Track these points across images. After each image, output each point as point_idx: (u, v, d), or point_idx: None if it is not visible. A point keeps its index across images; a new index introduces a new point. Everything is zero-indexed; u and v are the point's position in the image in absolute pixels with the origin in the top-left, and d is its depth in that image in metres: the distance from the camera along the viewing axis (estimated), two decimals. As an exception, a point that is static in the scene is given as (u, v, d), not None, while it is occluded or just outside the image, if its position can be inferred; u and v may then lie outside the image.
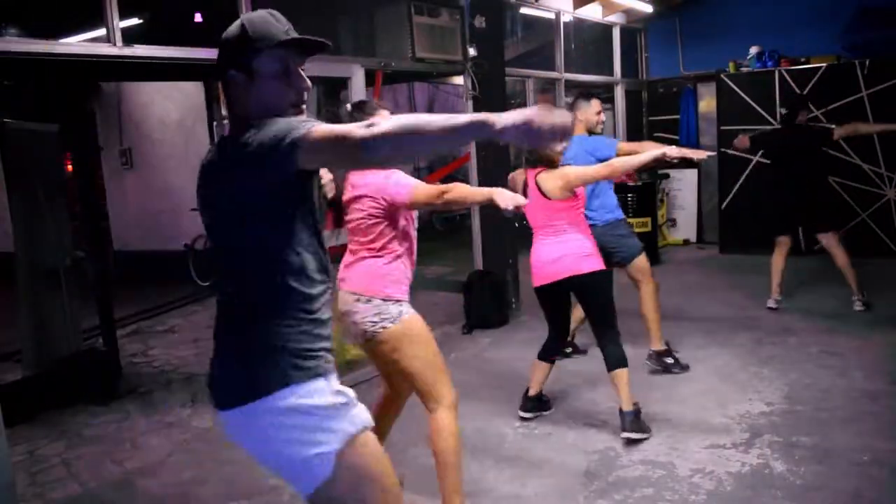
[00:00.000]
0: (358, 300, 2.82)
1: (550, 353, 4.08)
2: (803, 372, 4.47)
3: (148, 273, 8.54)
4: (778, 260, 5.87)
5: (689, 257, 8.47)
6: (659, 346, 4.66)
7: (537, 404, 4.09)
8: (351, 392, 1.94)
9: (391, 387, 3.19)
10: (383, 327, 2.79)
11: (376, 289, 2.81)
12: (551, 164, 3.72)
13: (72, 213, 5.28)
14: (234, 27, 1.85)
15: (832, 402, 3.99)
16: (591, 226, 4.15)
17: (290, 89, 1.78)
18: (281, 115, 1.69)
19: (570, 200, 3.74)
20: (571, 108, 4.92)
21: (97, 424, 4.44)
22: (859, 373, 4.39)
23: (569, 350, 5.17)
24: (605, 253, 4.34)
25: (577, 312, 4.90)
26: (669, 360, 4.63)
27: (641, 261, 4.86)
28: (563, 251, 3.74)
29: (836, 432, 3.62)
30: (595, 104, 4.76)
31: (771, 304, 5.84)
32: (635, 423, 3.66)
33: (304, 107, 1.80)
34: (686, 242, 9.18)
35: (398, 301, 2.82)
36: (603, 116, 4.82)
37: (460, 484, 2.90)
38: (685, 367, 4.61)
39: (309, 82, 1.81)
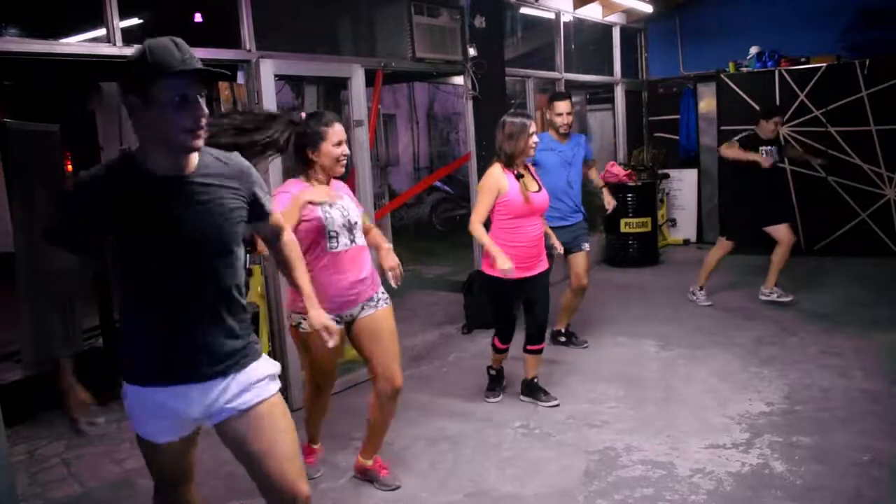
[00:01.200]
0: None
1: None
2: (803, 372, 4.47)
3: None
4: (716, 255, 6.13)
5: (689, 257, 8.47)
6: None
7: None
8: None
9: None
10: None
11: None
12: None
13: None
14: (136, 51, 1.84)
15: (832, 402, 4.00)
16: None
17: (185, 117, 1.82)
18: (174, 141, 1.84)
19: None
20: (547, 107, 5.14)
21: (97, 424, 4.43)
22: (859, 373, 4.39)
23: (562, 339, 5.23)
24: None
25: (565, 301, 5.25)
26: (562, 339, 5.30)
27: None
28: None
29: (836, 432, 3.62)
30: (557, 106, 4.91)
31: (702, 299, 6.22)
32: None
33: (200, 132, 1.86)
34: (686, 242, 9.18)
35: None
36: (567, 118, 4.90)
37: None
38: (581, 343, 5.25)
39: (206, 110, 1.85)
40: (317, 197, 3.01)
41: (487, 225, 3.95)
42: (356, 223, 3.13)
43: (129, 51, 3.60)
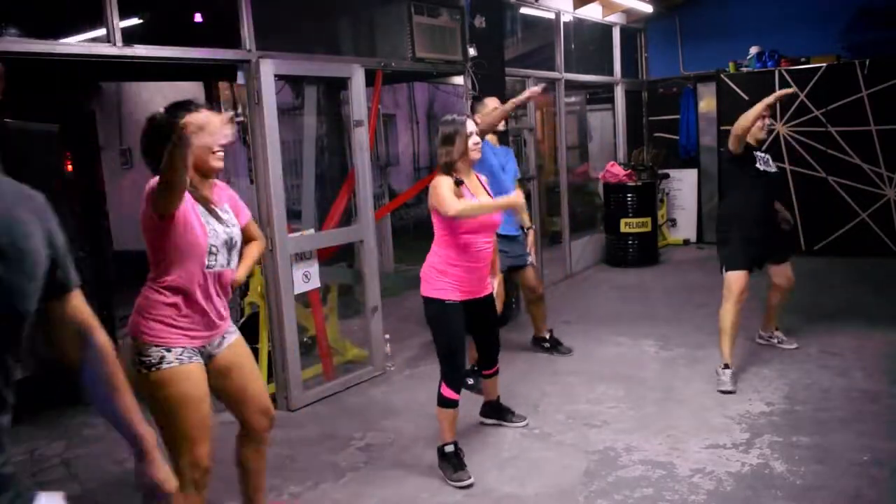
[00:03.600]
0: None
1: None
2: (803, 372, 4.48)
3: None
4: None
5: (689, 257, 8.47)
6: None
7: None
8: None
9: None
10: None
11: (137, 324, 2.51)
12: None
13: (72, 213, 5.27)
14: None
15: (832, 402, 4.00)
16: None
17: None
18: None
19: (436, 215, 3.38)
20: (472, 109, 4.81)
21: (97, 424, 4.43)
22: (859, 373, 4.39)
23: (546, 345, 5.21)
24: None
25: (535, 310, 5.13)
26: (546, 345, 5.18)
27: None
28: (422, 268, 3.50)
29: (836, 432, 3.62)
30: (489, 102, 4.67)
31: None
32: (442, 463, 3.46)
33: None
34: (686, 242, 9.19)
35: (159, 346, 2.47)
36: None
37: None
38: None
39: None
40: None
41: (429, 243, 3.45)
42: (237, 242, 2.65)
43: (130, 51, 3.62)
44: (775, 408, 3.97)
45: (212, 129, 2.32)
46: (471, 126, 3.38)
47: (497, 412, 4.00)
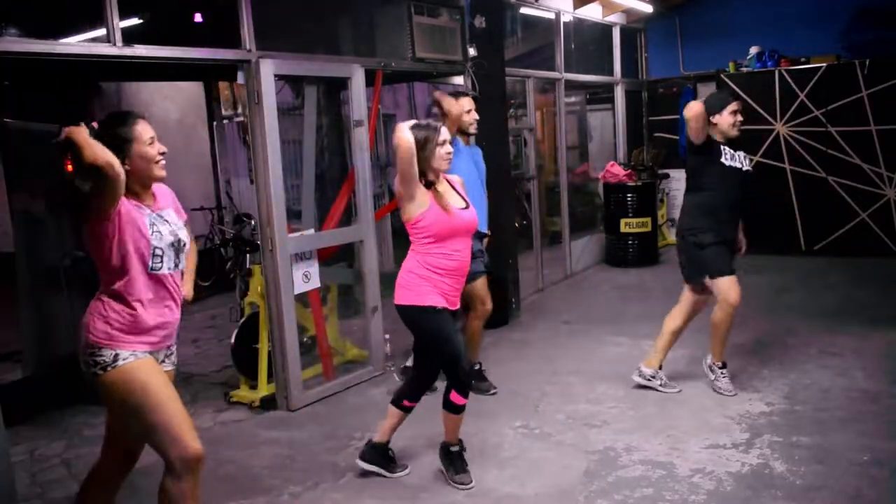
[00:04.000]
0: None
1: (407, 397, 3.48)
2: (803, 372, 4.47)
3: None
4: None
5: (689, 257, 8.47)
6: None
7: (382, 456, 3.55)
8: None
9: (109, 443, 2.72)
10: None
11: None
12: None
13: (72, 213, 5.27)
14: None
15: (832, 402, 4.00)
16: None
17: None
18: None
19: (407, 224, 3.29)
20: (439, 108, 4.38)
21: (97, 424, 4.42)
22: (859, 373, 4.39)
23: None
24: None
25: (472, 332, 4.50)
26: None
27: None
28: (398, 276, 3.35)
29: (836, 432, 3.62)
30: (464, 102, 4.29)
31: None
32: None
33: None
34: (686, 242, 9.17)
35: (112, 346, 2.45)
36: (475, 115, 4.33)
37: None
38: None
39: None
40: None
41: (405, 251, 3.33)
42: (185, 245, 2.62)
43: (130, 51, 3.62)
44: (775, 408, 3.97)
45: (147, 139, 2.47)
46: (444, 134, 3.22)
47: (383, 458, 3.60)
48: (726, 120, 4.08)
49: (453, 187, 3.38)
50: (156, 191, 2.63)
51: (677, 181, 9.16)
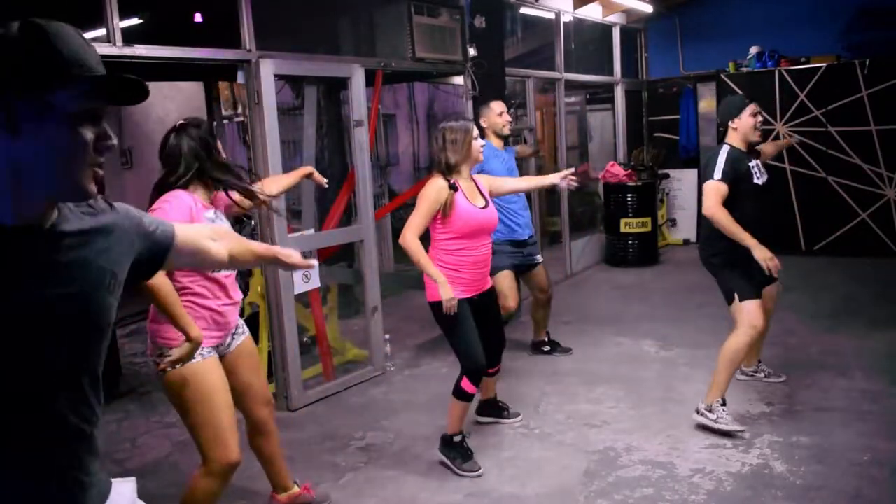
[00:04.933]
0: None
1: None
2: (803, 372, 4.47)
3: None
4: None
5: (689, 257, 8.45)
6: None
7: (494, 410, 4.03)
8: None
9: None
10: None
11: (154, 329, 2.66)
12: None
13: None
14: (16, 32, 1.16)
15: (832, 402, 4.00)
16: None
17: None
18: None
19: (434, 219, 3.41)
20: (477, 113, 4.79)
21: (97, 424, 4.44)
22: (859, 373, 4.39)
23: (546, 348, 5.16)
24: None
25: (535, 314, 5.11)
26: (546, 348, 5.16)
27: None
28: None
29: (836, 432, 3.62)
30: (495, 106, 4.69)
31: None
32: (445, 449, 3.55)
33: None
34: (686, 242, 9.18)
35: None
36: (507, 117, 4.71)
37: None
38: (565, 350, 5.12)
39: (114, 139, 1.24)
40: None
41: (426, 244, 3.42)
42: None
43: (130, 51, 3.62)
44: (775, 408, 3.98)
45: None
46: (476, 131, 3.45)
47: (494, 410, 4.04)
48: (747, 123, 3.78)
49: (478, 187, 3.51)
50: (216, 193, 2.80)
51: (677, 181, 9.18)
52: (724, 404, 3.67)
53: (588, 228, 8.85)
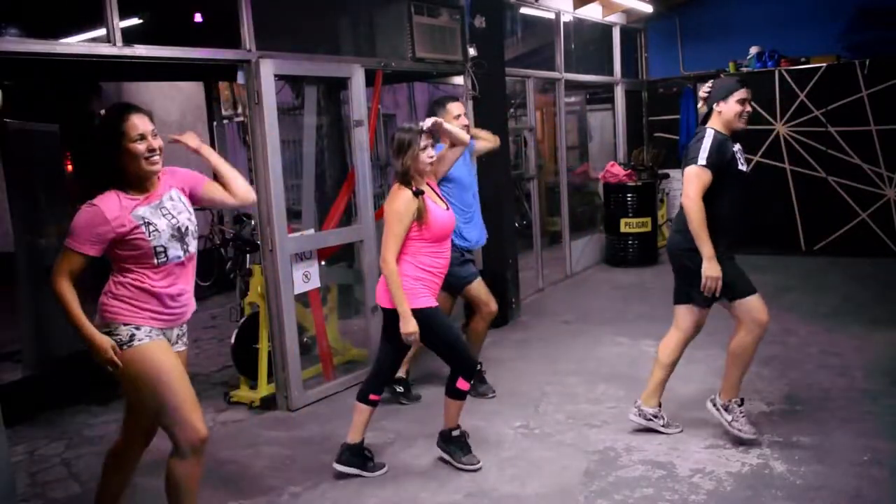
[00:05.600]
0: None
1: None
2: (803, 372, 4.47)
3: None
4: None
5: (689, 257, 8.47)
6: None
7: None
8: None
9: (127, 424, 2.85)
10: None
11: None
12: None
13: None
14: None
15: (832, 402, 4.00)
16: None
17: None
18: None
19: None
20: (432, 109, 4.33)
21: (97, 424, 4.44)
22: (859, 373, 4.39)
23: (399, 389, 4.48)
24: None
25: (479, 332, 4.46)
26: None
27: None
28: (381, 280, 3.43)
29: (836, 432, 3.62)
30: (452, 108, 4.21)
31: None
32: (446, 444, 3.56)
33: None
34: (686, 242, 9.17)
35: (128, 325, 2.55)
36: (465, 119, 4.26)
37: None
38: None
39: None
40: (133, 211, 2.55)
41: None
42: (188, 229, 2.67)
43: (130, 51, 3.62)
44: (775, 408, 3.97)
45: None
46: (425, 140, 3.34)
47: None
48: (732, 109, 3.49)
49: (435, 192, 3.51)
50: (159, 178, 2.68)
51: (677, 181, 9.16)
52: (741, 404, 3.58)
53: (588, 228, 8.85)
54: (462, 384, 3.44)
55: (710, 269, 3.37)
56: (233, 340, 4.65)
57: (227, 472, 3.64)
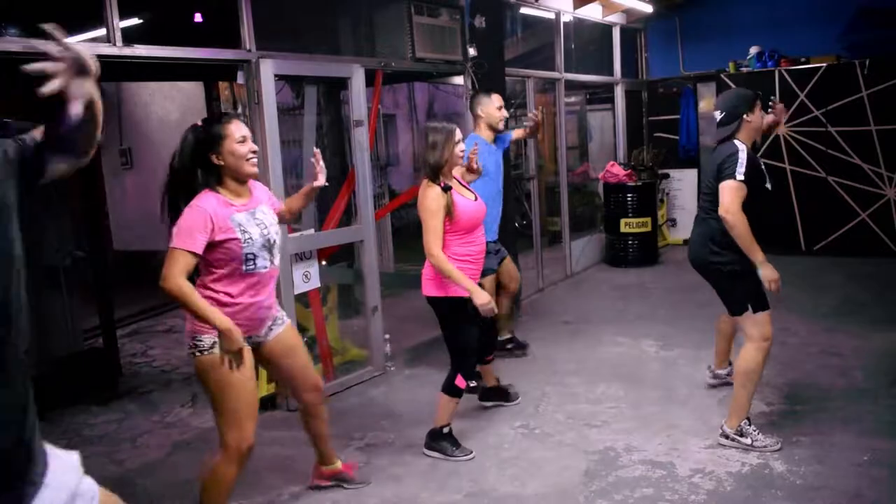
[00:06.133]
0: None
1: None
2: (803, 372, 4.47)
3: (148, 273, 8.50)
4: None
5: (689, 257, 8.47)
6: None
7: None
8: None
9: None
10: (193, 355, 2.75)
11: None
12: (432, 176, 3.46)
13: (72, 213, 5.27)
14: None
15: (832, 402, 4.00)
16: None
17: None
18: None
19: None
20: (471, 104, 4.66)
21: (97, 424, 4.44)
22: (859, 373, 4.39)
23: (509, 346, 5.14)
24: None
25: (503, 309, 4.78)
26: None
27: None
28: (424, 269, 3.59)
29: (836, 432, 3.62)
30: (496, 99, 4.45)
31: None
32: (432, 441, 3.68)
33: None
34: (686, 242, 9.15)
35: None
36: (505, 112, 4.49)
37: None
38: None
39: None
40: (236, 209, 2.74)
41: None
42: (275, 242, 2.85)
43: (130, 51, 3.62)
44: (775, 408, 3.97)
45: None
46: (458, 134, 3.48)
47: (498, 394, 4.26)
48: (759, 117, 3.55)
49: (462, 184, 3.64)
50: (251, 186, 2.87)
51: (677, 181, 9.18)
52: (750, 423, 3.53)
53: (588, 228, 8.84)
54: (461, 381, 3.56)
55: (768, 273, 3.36)
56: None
57: (227, 472, 3.63)
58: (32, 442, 1.47)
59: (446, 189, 3.39)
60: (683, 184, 9.19)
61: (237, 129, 2.73)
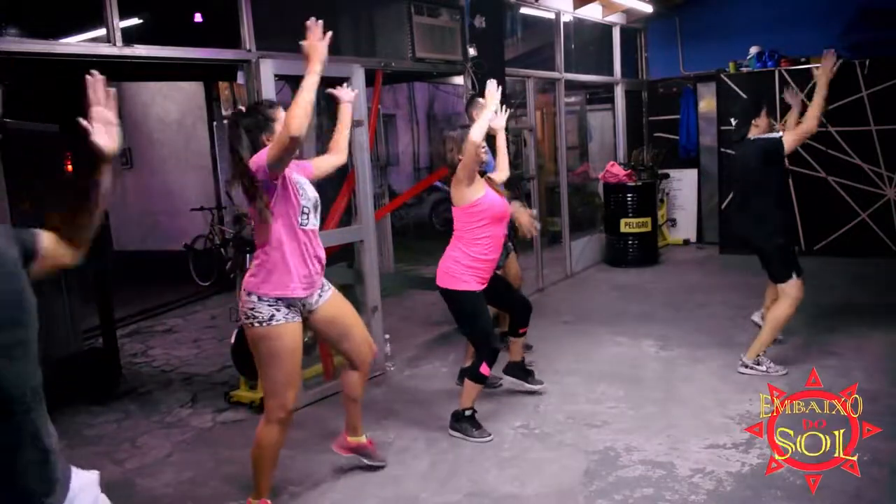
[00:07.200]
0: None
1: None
2: (803, 372, 4.47)
3: (148, 273, 8.53)
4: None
5: (689, 257, 8.48)
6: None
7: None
8: None
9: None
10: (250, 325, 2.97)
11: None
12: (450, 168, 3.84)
13: (72, 210, 5.27)
14: None
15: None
16: None
17: None
18: None
19: (464, 209, 3.78)
20: (467, 107, 4.84)
21: (97, 424, 4.44)
22: (859, 373, 4.39)
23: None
24: None
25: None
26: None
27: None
28: (441, 262, 3.87)
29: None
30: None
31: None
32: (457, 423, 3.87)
33: None
34: (686, 242, 9.19)
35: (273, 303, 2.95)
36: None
37: (260, 486, 3.12)
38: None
39: None
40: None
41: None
42: (318, 204, 3.15)
43: (130, 51, 3.62)
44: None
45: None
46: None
47: (521, 372, 4.38)
48: (766, 120, 4.56)
49: (490, 184, 3.91)
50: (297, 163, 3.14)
51: (677, 181, 9.18)
52: (765, 353, 4.39)
53: (588, 228, 8.85)
54: (485, 369, 3.75)
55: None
56: (233, 340, 4.64)
57: (228, 472, 3.64)
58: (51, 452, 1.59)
59: (482, 174, 3.76)
60: (683, 184, 9.19)
61: (283, 114, 2.91)
